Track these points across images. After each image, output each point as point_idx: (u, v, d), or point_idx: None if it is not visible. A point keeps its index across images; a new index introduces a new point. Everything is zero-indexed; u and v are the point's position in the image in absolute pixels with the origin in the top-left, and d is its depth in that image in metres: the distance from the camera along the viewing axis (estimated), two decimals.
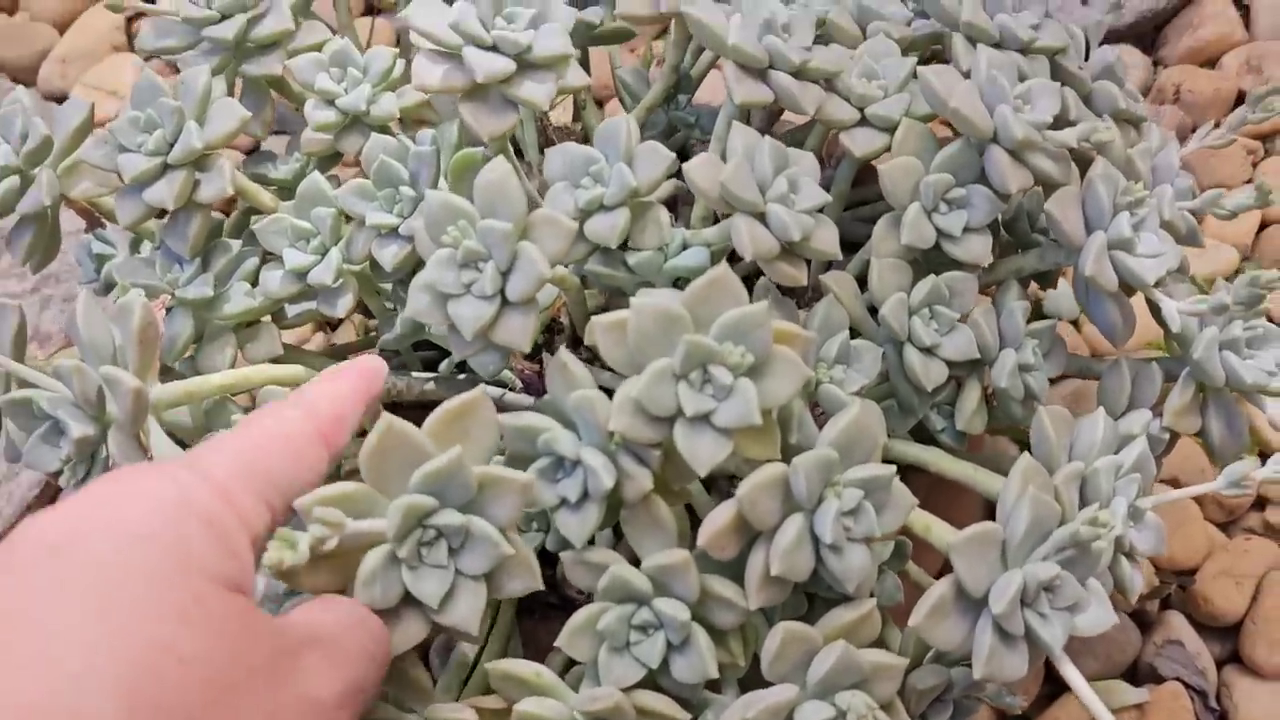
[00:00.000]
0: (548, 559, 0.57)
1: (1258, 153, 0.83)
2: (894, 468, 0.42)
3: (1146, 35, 0.89)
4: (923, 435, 0.53)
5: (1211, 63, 0.87)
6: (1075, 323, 0.76)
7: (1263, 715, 0.65)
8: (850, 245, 0.54)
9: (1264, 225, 0.80)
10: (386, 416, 0.39)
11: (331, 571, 0.39)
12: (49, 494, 0.80)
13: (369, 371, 0.42)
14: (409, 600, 0.39)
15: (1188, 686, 0.66)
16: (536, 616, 0.57)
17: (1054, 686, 0.68)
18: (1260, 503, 0.71)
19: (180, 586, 0.31)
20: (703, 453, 0.40)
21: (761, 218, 0.46)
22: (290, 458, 0.38)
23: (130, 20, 1.03)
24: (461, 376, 0.59)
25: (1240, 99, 0.85)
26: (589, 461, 0.42)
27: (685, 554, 0.42)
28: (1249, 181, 0.81)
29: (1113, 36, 0.88)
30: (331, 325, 0.83)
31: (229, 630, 0.32)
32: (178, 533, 0.33)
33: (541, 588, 0.42)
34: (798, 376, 0.41)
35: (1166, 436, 0.51)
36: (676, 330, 0.40)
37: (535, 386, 0.58)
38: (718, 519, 0.41)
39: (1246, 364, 0.50)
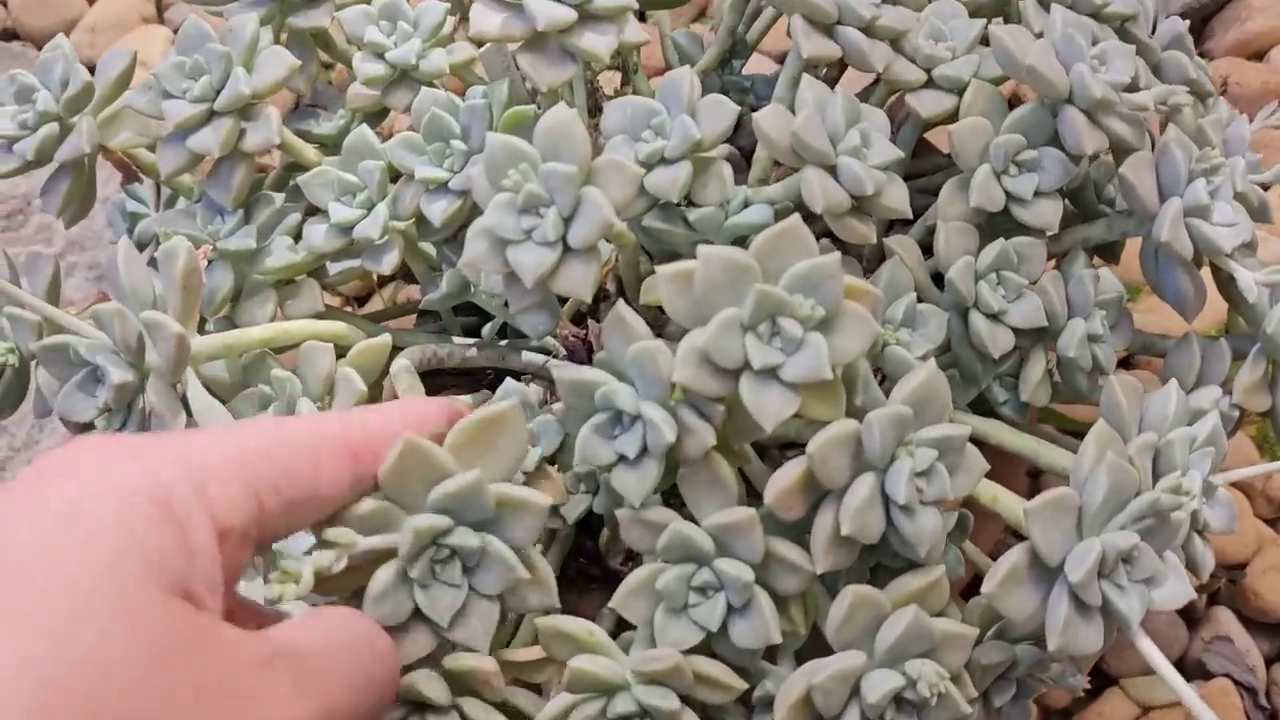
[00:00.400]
0: (589, 530, 0.56)
1: None
2: (968, 428, 0.40)
3: (1194, 27, 0.88)
4: (981, 409, 0.51)
5: (1259, 55, 0.86)
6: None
7: None
8: (906, 219, 0.53)
9: None
10: (406, 437, 0.37)
11: (346, 580, 0.37)
12: None
13: (430, 411, 0.38)
14: (419, 615, 0.38)
15: (1237, 683, 0.65)
16: (577, 590, 0.56)
17: (1100, 680, 0.66)
18: None
19: (112, 587, 0.26)
20: (770, 407, 0.39)
21: (833, 171, 0.44)
22: (307, 459, 0.33)
23: None
24: (504, 342, 0.58)
25: None
26: (650, 415, 0.40)
27: (751, 512, 0.40)
28: None
29: None
30: (360, 300, 0.82)
31: (166, 641, 0.26)
32: (119, 519, 0.28)
33: (559, 606, 0.41)
34: (868, 333, 0.40)
35: (1236, 414, 0.50)
36: (746, 280, 0.39)
37: (580, 354, 0.56)
38: (785, 476, 0.40)
39: None
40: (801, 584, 0.41)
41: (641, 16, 0.69)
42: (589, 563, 0.56)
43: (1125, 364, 0.73)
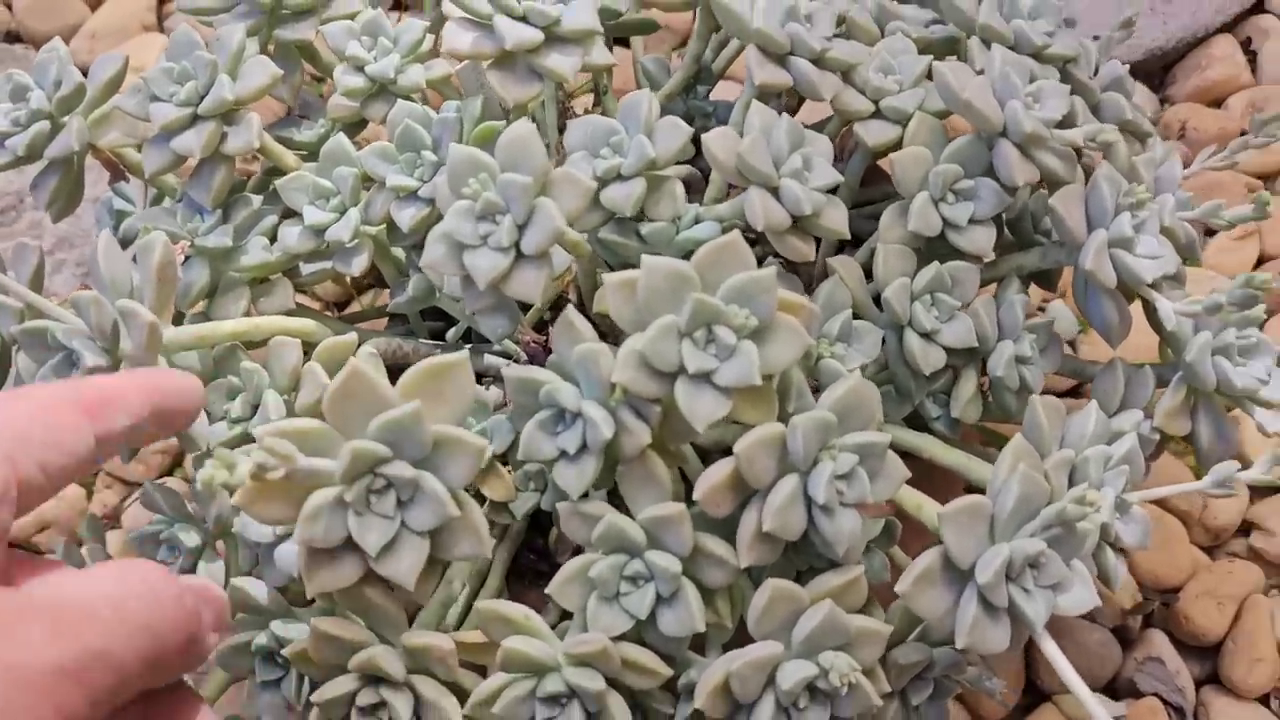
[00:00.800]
0: (539, 528, 0.58)
1: (1259, 190, 0.85)
2: (889, 436, 0.43)
3: (1155, 74, 0.91)
4: (916, 425, 0.54)
5: (1218, 103, 0.89)
6: (1073, 343, 0.78)
7: None
8: (855, 242, 0.55)
9: (1261, 260, 0.81)
10: (352, 361, 0.39)
11: (282, 505, 0.39)
12: None
13: (168, 381, 0.40)
14: (350, 545, 0.40)
15: (1166, 703, 0.67)
16: (527, 581, 0.58)
17: (1033, 697, 0.69)
18: (1245, 529, 0.72)
19: None
20: (702, 410, 0.41)
21: (775, 192, 0.47)
22: (41, 418, 0.35)
23: (161, 3, 1.05)
24: (467, 346, 0.60)
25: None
26: (589, 413, 0.43)
27: (680, 506, 0.43)
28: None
29: None
30: (340, 305, 0.84)
31: None
32: None
33: (489, 555, 0.43)
34: (799, 344, 0.42)
35: (1156, 437, 0.52)
36: (685, 289, 0.41)
37: (539, 359, 0.59)
38: (714, 475, 0.42)
39: (1238, 370, 0.51)
40: (727, 578, 0.44)
41: (620, 42, 0.72)
42: (538, 559, 0.58)
43: (1075, 392, 0.75)
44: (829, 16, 0.52)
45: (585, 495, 0.44)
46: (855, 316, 0.51)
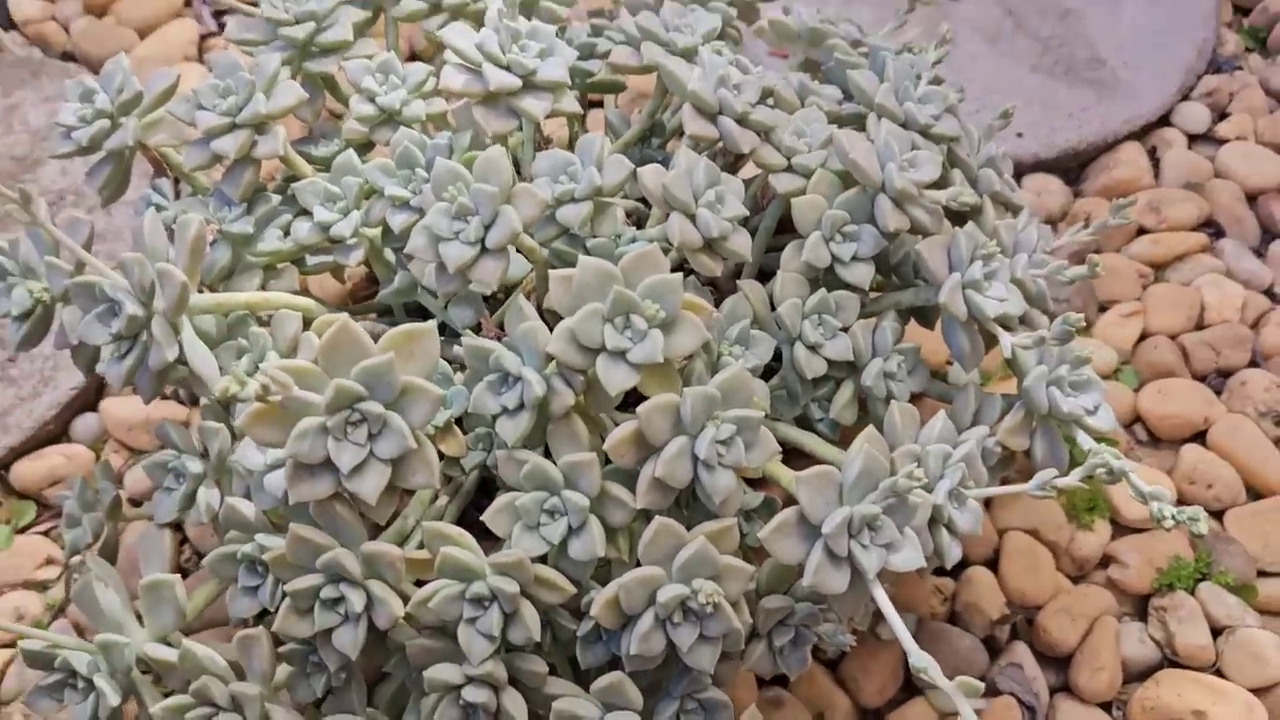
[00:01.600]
0: (487, 493, 0.69)
1: (1149, 277, 0.96)
2: (763, 412, 0.54)
3: (1070, 170, 1.04)
4: (805, 426, 0.65)
5: (1121, 199, 1.01)
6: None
7: None
8: (769, 275, 0.67)
9: (1143, 336, 0.93)
10: (343, 318, 0.50)
11: (277, 430, 0.50)
12: (65, 415, 0.91)
13: None
14: (328, 464, 0.50)
15: (1021, 702, 0.77)
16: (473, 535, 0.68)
17: (907, 692, 0.78)
18: (1106, 562, 0.82)
19: None
20: (615, 380, 0.52)
21: (693, 218, 0.59)
22: None
23: (203, 38, 1.18)
24: (441, 337, 0.71)
25: (1140, 231, 0.99)
26: (527, 376, 0.54)
27: (592, 455, 0.54)
28: (1138, 299, 0.95)
29: (1042, 166, 1.03)
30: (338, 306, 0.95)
31: None
32: None
33: (438, 485, 0.53)
34: (698, 336, 0.54)
35: (999, 450, 0.63)
36: (609, 284, 0.53)
37: None
38: (621, 431, 0.53)
39: (1068, 398, 0.62)
40: (627, 518, 0.54)
41: (596, 104, 0.84)
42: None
43: None
44: (755, 87, 0.64)
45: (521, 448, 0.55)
46: (759, 329, 0.62)
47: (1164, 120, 1.06)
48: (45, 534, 0.88)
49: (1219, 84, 1.07)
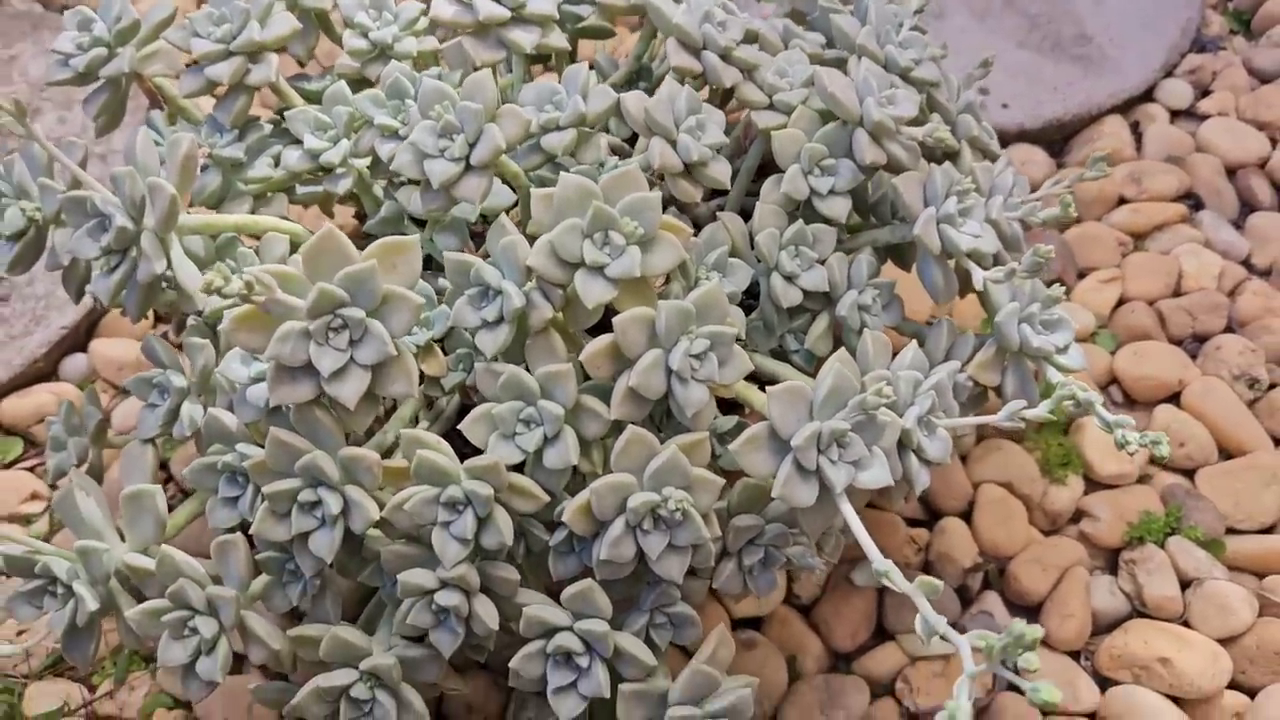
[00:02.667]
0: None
1: (1128, 245, 0.98)
2: (736, 328, 0.55)
3: (1055, 141, 1.05)
4: (780, 358, 0.66)
5: None
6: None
7: (1047, 674, 0.76)
8: (749, 215, 0.68)
9: (1121, 301, 0.94)
10: (329, 225, 0.51)
11: (260, 335, 0.51)
12: (55, 354, 0.92)
13: None
14: (309, 368, 0.51)
15: None
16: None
17: (879, 637, 0.79)
18: (1078, 516, 0.84)
19: None
20: (593, 293, 0.54)
21: (673, 143, 0.60)
22: None
23: None
24: (428, 270, 0.72)
25: (1120, 201, 1.00)
26: (506, 289, 0.55)
27: (568, 365, 0.55)
28: (1117, 266, 0.96)
29: (1026, 136, 1.04)
30: None
31: None
32: None
33: (416, 395, 0.54)
34: (675, 255, 0.55)
35: (970, 384, 0.64)
36: (589, 200, 0.54)
37: None
38: (598, 343, 0.54)
39: (1038, 335, 0.63)
40: (601, 429, 0.55)
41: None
42: (464, 445, 0.69)
43: None
44: (739, 25, 0.65)
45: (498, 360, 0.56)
46: (736, 258, 0.63)
47: (1147, 96, 1.07)
48: (31, 470, 0.89)
49: (1202, 62, 1.09)
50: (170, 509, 0.85)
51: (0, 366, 0.90)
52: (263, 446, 0.59)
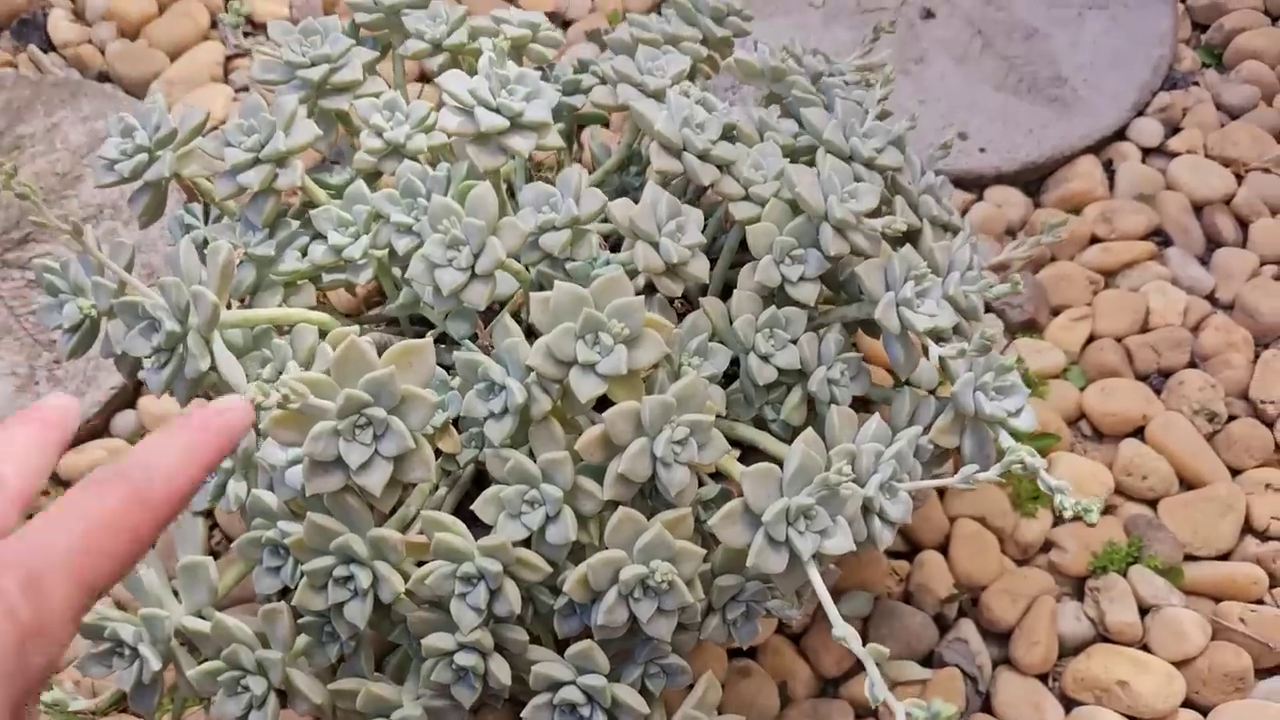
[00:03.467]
0: (481, 485, 0.77)
1: (1099, 284, 1.04)
2: (714, 416, 0.62)
3: (1031, 182, 1.11)
4: (760, 426, 0.73)
5: (1077, 210, 1.08)
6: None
7: (1015, 697, 0.83)
8: (734, 290, 0.75)
9: (1091, 338, 1.00)
10: (351, 336, 0.59)
11: (296, 432, 0.58)
12: (106, 412, 1.01)
13: (52, 416, 0.41)
14: (339, 461, 0.59)
15: (964, 673, 0.85)
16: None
17: (863, 666, 0.87)
18: (1047, 546, 0.90)
19: None
20: (586, 389, 0.61)
21: (656, 246, 0.67)
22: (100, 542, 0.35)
23: (228, 59, 1.26)
24: (442, 346, 0.80)
25: (1093, 240, 1.06)
26: (510, 386, 0.62)
27: (566, 454, 0.62)
28: (1088, 304, 1.02)
29: (1003, 179, 1.10)
30: (350, 316, 1.04)
31: None
32: None
33: (434, 480, 0.62)
34: (658, 350, 0.62)
35: (932, 447, 0.71)
36: (581, 305, 0.61)
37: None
38: (591, 433, 0.62)
39: (992, 402, 0.70)
40: (596, 507, 0.63)
41: (584, 126, 0.93)
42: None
43: None
44: (717, 125, 0.72)
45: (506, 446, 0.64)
46: (719, 342, 0.70)
47: (1120, 134, 1.13)
48: None
49: (1173, 100, 1.14)
50: (216, 555, 0.94)
51: None
52: (300, 519, 0.67)
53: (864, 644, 0.87)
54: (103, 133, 1.18)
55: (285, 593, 0.72)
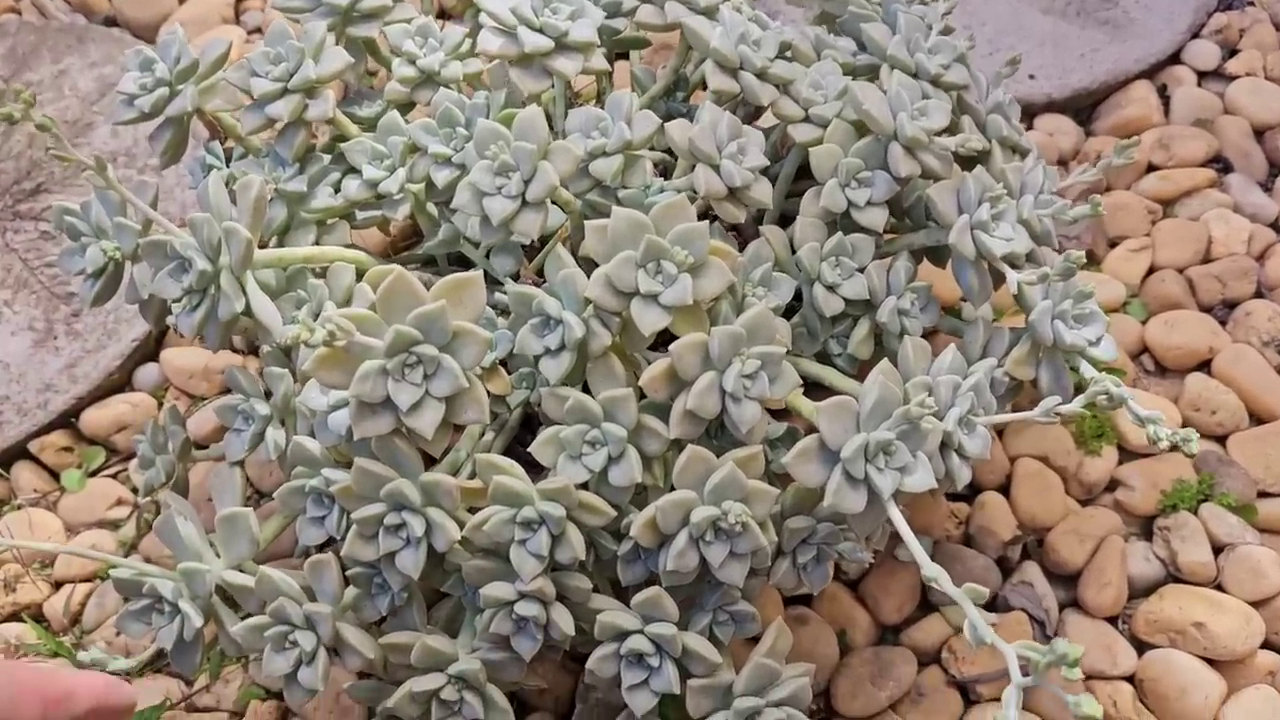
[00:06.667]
0: (530, 428, 0.74)
1: (1157, 213, 1.00)
2: (784, 348, 0.58)
3: (1083, 109, 1.07)
4: (824, 361, 0.69)
5: (1131, 137, 1.04)
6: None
7: (1085, 640, 0.80)
8: (791, 219, 0.71)
9: (1151, 270, 0.96)
10: (399, 269, 0.55)
11: (340, 372, 0.55)
12: (128, 365, 0.97)
13: (111, 692, 0.52)
14: (388, 403, 0.55)
15: (1031, 617, 0.82)
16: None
17: (925, 611, 0.84)
18: (1113, 486, 0.87)
19: None
20: (648, 321, 0.57)
21: (717, 169, 0.63)
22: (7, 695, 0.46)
23: (239, 0, 1.21)
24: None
25: (1150, 168, 1.02)
26: (567, 319, 0.59)
27: (629, 390, 0.58)
28: (1147, 234, 0.98)
29: (1054, 107, 1.06)
30: (382, 256, 1.00)
31: None
32: None
33: (487, 421, 0.58)
34: (724, 279, 0.58)
35: (1007, 379, 0.67)
36: (642, 232, 0.57)
37: None
38: (656, 367, 0.58)
39: (1071, 330, 0.66)
40: (662, 447, 0.59)
41: (622, 55, 0.88)
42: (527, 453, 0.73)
43: None
44: (774, 42, 0.68)
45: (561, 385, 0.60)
46: (780, 271, 0.66)
47: (1174, 58, 1.08)
48: (114, 476, 0.95)
49: (1229, 20, 1.09)
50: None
51: (79, 380, 0.95)
52: (344, 468, 0.64)
53: (922, 596, 0.84)
54: (112, 79, 1.13)
55: (326, 545, 0.69)
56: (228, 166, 0.81)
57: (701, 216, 0.65)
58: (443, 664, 0.62)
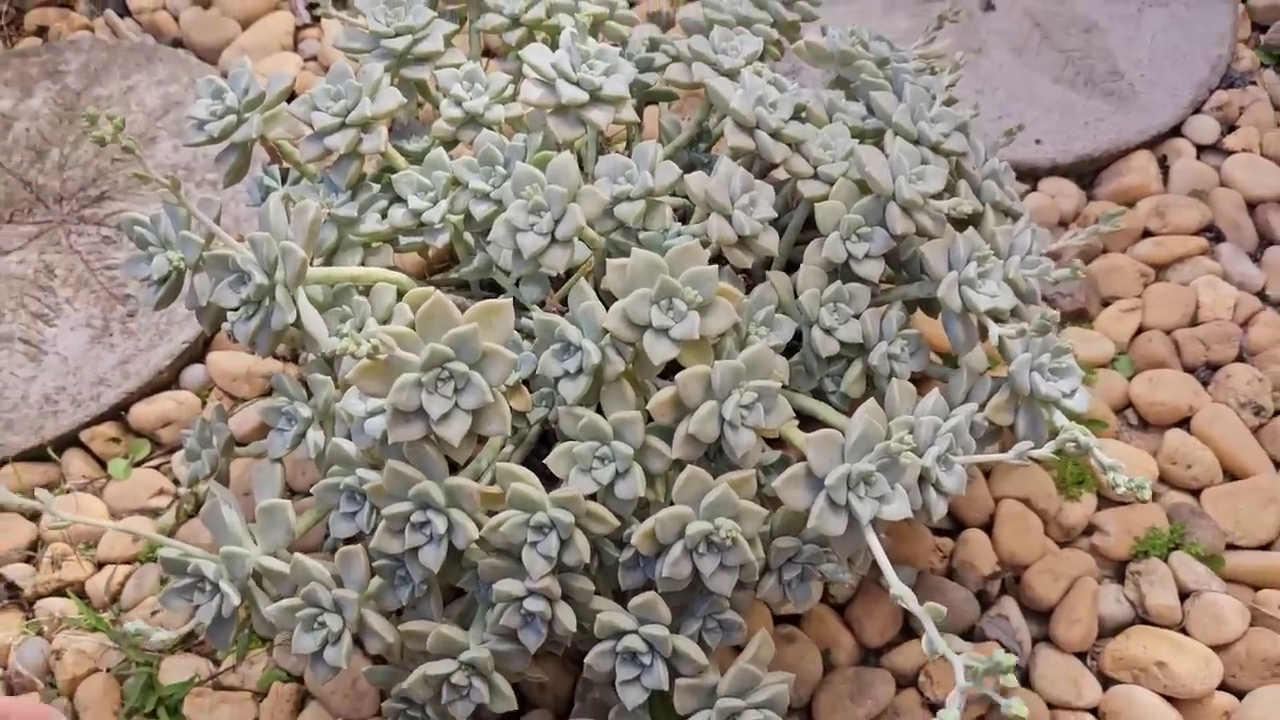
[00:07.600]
0: (547, 444, 0.80)
1: (1149, 276, 1.05)
2: (780, 383, 0.65)
3: (1086, 175, 1.13)
4: (820, 398, 0.75)
5: (1130, 204, 1.10)
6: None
7: (1054, 673, 0.85)
8: (798, 265, 0.77)
9: (1140, 330, 1.02)
10: (437, 293, 0.61)
11: (380, 382, 0.61)
12: (177, 365, 1.04)
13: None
14: (420, 412, 0.61)
15: (1005, 648, 0.87)
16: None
17: (906, 636, 0.89)
18: (1090, 530, 0.92)
19: None
20: (659, 352, 0.64)
21: (729, 218, 0.69)
22: None
23: (297, 29, 1.29)
24: None
25: (1145, 234, 1.08)
26: (586, 346, 0.65)
27: (637, 413, 0.65)
28: (1139, 296, 1.04)
29: (1058, 171, 1.12)
30: (420, 278, 1.07)
31: None
32: None
33: (509, 434, 0.64)
34: (729, 318, 0.65)
35: (987, 424, 0.73)
36: (657, 272, 0.64)
37: None
38: (663, 394, 0.64)
39: (1047, 382, 0.72)
40: (664, 466, 0.66)
41: (651, 103, 0.95)
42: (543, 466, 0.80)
43: None
44: (789, 104, 0.74)
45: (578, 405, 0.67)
46: (782, 313, 0.72)
47: (1176, 131, 1.14)
48: (157, 468, 1.02)
49: (1230, 98, 1.15)
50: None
51: (131, 376, 1.03)
52: (377, 469, 0.70)
53: (904, 622, 0.90)
54: (176, 96, 1.21)
55: (355, 540, 0.75)
56: (283, 187, 0.88)
57: (714, 260, 0.72)
58: (455, 651, 0.68)
